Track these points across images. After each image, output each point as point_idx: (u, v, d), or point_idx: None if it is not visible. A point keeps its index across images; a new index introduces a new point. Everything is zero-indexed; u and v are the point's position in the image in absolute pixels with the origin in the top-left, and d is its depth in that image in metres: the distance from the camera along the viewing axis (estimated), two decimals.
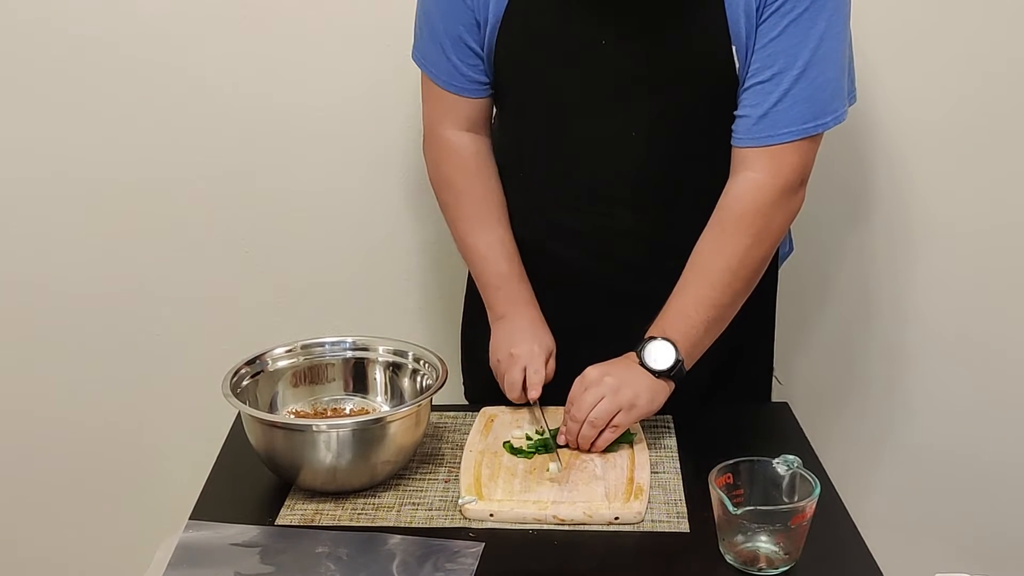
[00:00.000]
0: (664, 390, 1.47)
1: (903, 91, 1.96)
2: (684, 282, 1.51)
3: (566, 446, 1.48)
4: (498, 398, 1.61)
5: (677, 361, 1.46)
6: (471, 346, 1.79)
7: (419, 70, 1.62)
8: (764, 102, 1.45)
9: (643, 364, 1.46)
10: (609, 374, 1.45)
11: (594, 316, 1.64)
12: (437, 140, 1.63)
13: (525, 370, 1.54)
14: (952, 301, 2.09)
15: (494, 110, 1.67)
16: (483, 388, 1.75)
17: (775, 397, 1.80)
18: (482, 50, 1.54)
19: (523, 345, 1.56)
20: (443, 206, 1.67)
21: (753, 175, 1.48)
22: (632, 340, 1.49)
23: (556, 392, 1.52)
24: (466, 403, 1.80)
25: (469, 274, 1.76)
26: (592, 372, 1.46)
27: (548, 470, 1.42)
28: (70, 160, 1.96)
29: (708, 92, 1.49)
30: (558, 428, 1.49)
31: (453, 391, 1.77)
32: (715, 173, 1.53)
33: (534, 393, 1.53)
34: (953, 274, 2.07)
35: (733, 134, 1.50)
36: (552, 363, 1.57)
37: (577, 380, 1.46)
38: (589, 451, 1.46)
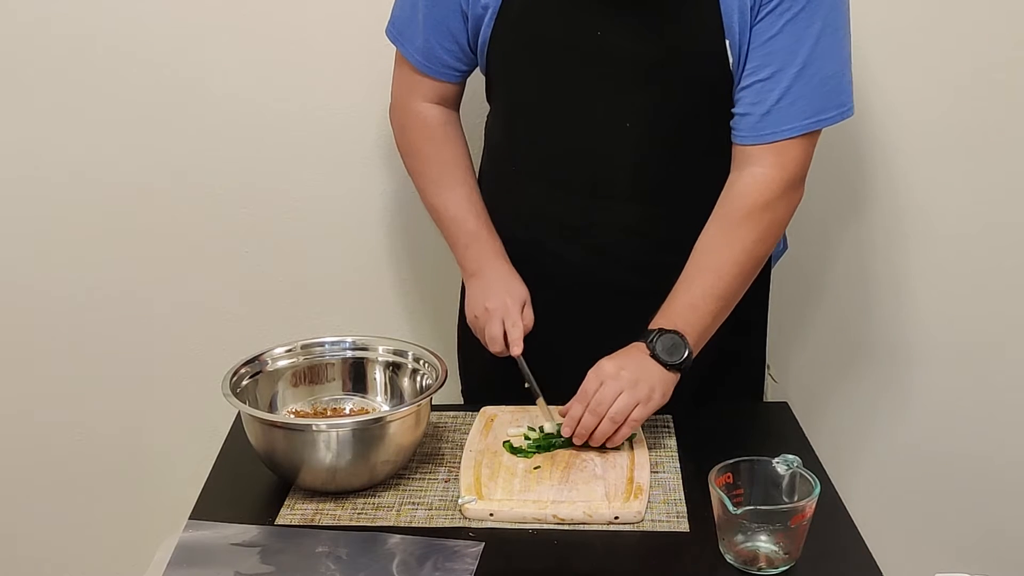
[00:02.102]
0: (673, 382, 1.47)
1: (900, 90, 1.96)
2: (690, 273, 1.51)
3: (571, 443, 1.47)
4: (494, 397, 1.61)
5: (688, 353, 1.46)
6: (467, 345, 1.79)
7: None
8: (766, 100, 1.46)
9: (655, 356, 1.46)
10: (624, 368, 1.44)
11: (594, 312, 1.64)
12: (405, 110, 1.65)
13: (504, 323, 1.56)
14: (950, 299, 2.09)
15: (489, 107, 1.68)
16: (480, 387, 1.75)
17: (770, 394, 1.80)
18: (466, 40, 1.55)
19: (496, 298, 1.58)
20: (411, 171, 1.69)
21: (760, 170, 1.49)
22: (633, 335, 1.49)
23: (561, 387, 1.51)
24: (463, 402, 1.80)
25: None
26: (608, 366, 1.45)
27: (543, 428, 1.46)
28: (71, 161, 1.96)
29: (702, 85, 1.50)
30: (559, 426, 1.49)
31: (450, 390, 1.77)
32: (712, 168, 1.53)
33: (516, 349, 1.55)
34: (951, 272, 2.07)
35: (734, 132, 1.50)
36: (528, 311, 1.59)
37: (592, 373, 1.45)
38: (604, 447, 1.46)
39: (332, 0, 1.90)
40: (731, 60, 1.46)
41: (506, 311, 1.57)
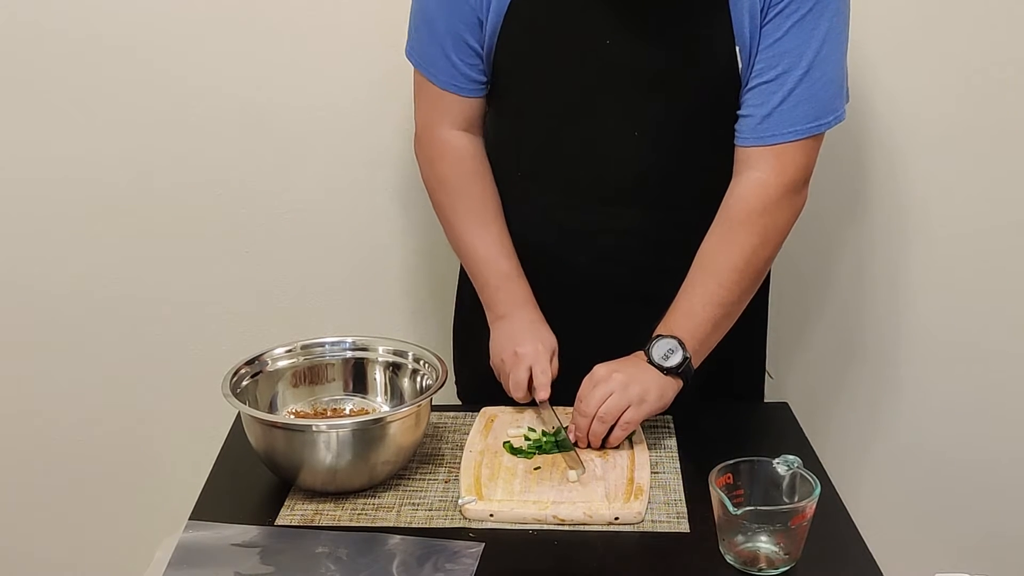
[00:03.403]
0: (673, 387, 1.47)
1: (901, 89, 1.96)
2: (691, 280, 1.51)
3: (576, 445, 1.47)
4: (490, 397, 1.61)
5: (685, 358, 1.46)
6: (463, 346, 1.79)
7: (412, 70, 1.60)
8: (768, 102, 1.46)
9: (651, 361, 1.46)
10: (617, 371, 1.45)
11: (598, 316, 1.63)
12: (432, 140, 1.62)
13: (531, 369, 1.53)
14: (950, 300, 2.09)
15: (489, 110, 1.67)
16: (475, 388, 1.75)
17: (767, 390, 1.80)
18: (481, 49, 1.54)
19: (528, 345, 1.55)
20: (438, 206, 1.65)
21: (758, 174, 1.49)
22: (637, 339, 1.49)
23: (563, 392, 1.52)
24: (459, 403, 1.80)
25: (460, 275, 1.75)
26: (600, 370, 1.46)
27: (569, 479, 1.41)
28: (70, 161, 1.96)
29: (711, 92, 1.49)
30: (567, 426, 1.49)
31: (450, 390, 1.77)
32: (718, 172, 1.53)
33: (543, 394, 1.52)
34: (952, 273, 2.07)
35: (737, 134, 1.50)
36: (556, 362, 1.57)
37: (586, 378, 1.46)
38: (601, 448, 1.46)
39: (334, 0, 1.90)
40: (740, 66, 1.46)
41: (536, 358, 1.54)
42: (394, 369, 1.55)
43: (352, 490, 1.41)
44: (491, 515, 1.35)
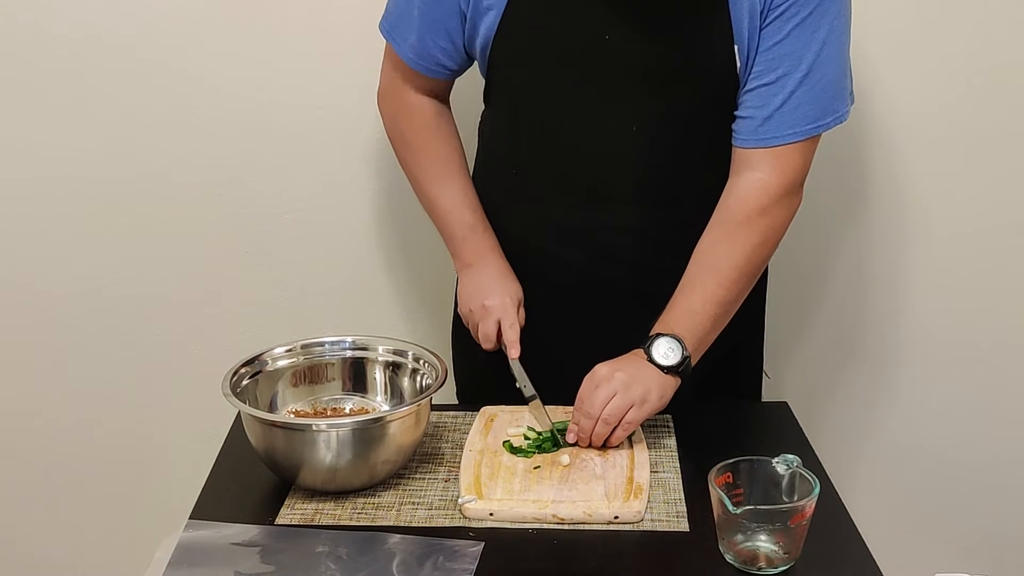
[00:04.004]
0: (672, 386, 1.47)
1: (900, 89, 1.96)
2: (690, 279, 1.51)
3: (575, 444, 1.48)
4: (489, 396, 1.61)
5: (684, 357, 1.46)
6: (461, 345, 1.79)
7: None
8: (769, 104, 1.46)
9: (651, 360, 1.46)
10: (619, 370, 1.45)
11: (597, 314, 1.63)
12: (398, 100, 1.65)
13: (500, 323, 1.57)
14: (950, 299, 2.09)
15: (486, 107, 1.67)
16: (474, 388, 1.75)
17: (765, 390, 1.81)
18: (461, 42, 1.55)
19: (495, 297, 1.59)
20: (403, 162, 1.68)
21: (758, 175, 1.49)
22: (635, 337, 1.49)
23: (563, 391, 1.52)
24: (458, 402, 1.80)
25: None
26: (602, 369, 1.46)
27: (562, 463, 1.43)
28: (70, 160, 1.96)
29: (709, 90, 1.50)
30: (564, 423, 1.49)
31: (450, 390, 1.77)
32: (715, 171, 1.53)
33: (515, 352, 1.56)
34: (951, 272, 2.07)
35: (736, 135, 1.50)
36: (522, 312, 1.61)
37: (587, 378, 1.46)
38: (602, 447, 1.46)
39: (334, 1, 1.90)
40: (738, 65, 1.46)
41: (504, 311, 1.58)
42: (394, 368, 1.55)
43: (352, 489, 1.41)
44: (491, 514, 1.35)
